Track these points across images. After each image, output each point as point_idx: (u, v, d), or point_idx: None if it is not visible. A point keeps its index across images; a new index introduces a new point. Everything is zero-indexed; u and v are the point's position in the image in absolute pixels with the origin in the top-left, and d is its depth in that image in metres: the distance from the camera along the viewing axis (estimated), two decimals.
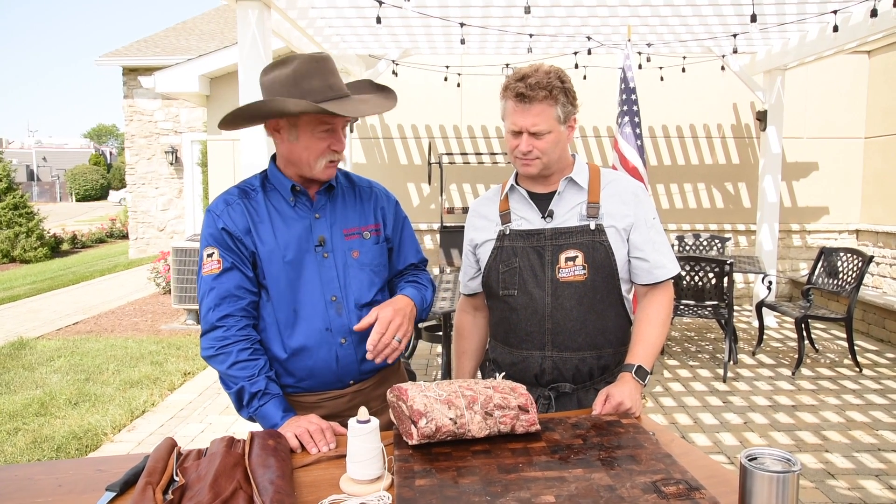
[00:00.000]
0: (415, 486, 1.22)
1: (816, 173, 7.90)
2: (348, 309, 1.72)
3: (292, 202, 1.72)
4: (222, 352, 1.62)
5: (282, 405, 1.62)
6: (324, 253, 1.71)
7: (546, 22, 5.68)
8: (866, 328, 6.52)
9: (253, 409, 1.62)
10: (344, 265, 1.73)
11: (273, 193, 1.73)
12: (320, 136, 1.64)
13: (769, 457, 1.15)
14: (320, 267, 1.70)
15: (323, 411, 1.71)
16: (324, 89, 1.61)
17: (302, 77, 1.60)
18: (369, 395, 1.78)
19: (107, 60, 12.78)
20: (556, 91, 1.70)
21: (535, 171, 1.79)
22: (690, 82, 7.38)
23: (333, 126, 1.65)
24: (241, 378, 1.62)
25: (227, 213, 1.69)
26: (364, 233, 1.77)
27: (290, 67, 1.61)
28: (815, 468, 3.51)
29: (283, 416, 1.60)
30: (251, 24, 3.97)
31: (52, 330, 7.18)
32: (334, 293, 1.71)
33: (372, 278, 1.77)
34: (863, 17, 4.97)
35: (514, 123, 1.73)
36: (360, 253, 1.75)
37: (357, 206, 1.80)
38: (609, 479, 1.24)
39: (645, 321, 1.80)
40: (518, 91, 1.70)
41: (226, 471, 1.28)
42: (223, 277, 1.66)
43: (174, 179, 13.32)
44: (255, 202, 1.71)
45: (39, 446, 3.91)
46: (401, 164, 8.01)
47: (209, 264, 1.67)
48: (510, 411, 1.43)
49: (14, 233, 13.92)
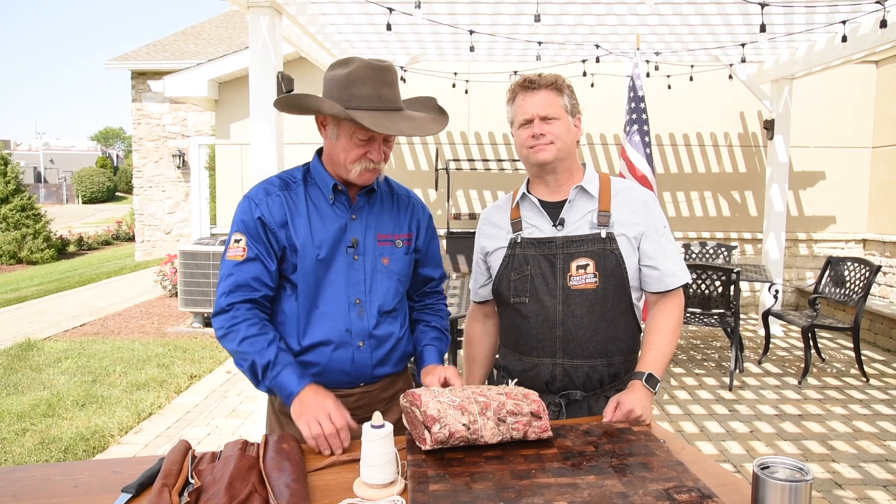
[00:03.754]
0: (429, 491, 1.23)
1: (823, 182, 7.89)
2: (370, 314, 1.73)
3: (331, 200, 1.72)
4: (231, 330, 1.64)
5: (296, 372, 1.62)
6: (354, 255, 1.72)
7: (555, 30, 5.70)
8: (873, 338, 6.50)
9: (269, 381, 1.62)
10: (373, 270, 1.74)
11: (313, 188, 1.74)
12: (358, 141, 1.65)
13: (782, 466, 1.15)
14: (349, 268, 1.71)
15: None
16: (372, 98, 1.61)
17: (354, 81, 1.62)
18: (376, 397, 1.79)
19: (116, 64, 12.87)
20: (561, 84, 1.79)
21: (549, 157, 1.78)
22: (698, 91, 7.39)
23: (374, 135, 1.65)
24: (251, 352, 1.62)
25: (266, 203, 1.69)
26: (397, 241, 1.79)
27: (347, 69, 1.63)
28: (822, 478, 3.50)
29: (298, 383, 1.60)
30: (262, 30, 4.00)
31: (59, 331, 7.22)
32: (359, 296, 1.72)
33: (398, 287, 1.79)
34: (871, 28, 4.97)
35: (524, 112, 1.78)
36: (390, 260, 1.77)
37: (393, 214, 1.81)
38: (622, 486, 1.24)
39: (655, 329, 1.81)
40: (524, 82, 1.79)
41: (241, 474, 1.29)
42: (244, 266, 1.67)
43: (181, 183, 13.39)
44: (295, 195, 1.72)
45: (47, 447, 3.93)
46: (408, 169, 8.03)
47: (234, 249, 1.68)
48: (523, 418, 1.44)
49: (21, 234, 14.00)
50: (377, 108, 1.62)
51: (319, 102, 1.62)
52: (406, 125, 1.66)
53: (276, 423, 1.80)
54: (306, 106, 1.67)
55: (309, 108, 1.67)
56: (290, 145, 4.44)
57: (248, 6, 3.99)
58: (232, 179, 8.14)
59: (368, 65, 1.63)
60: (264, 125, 4.03)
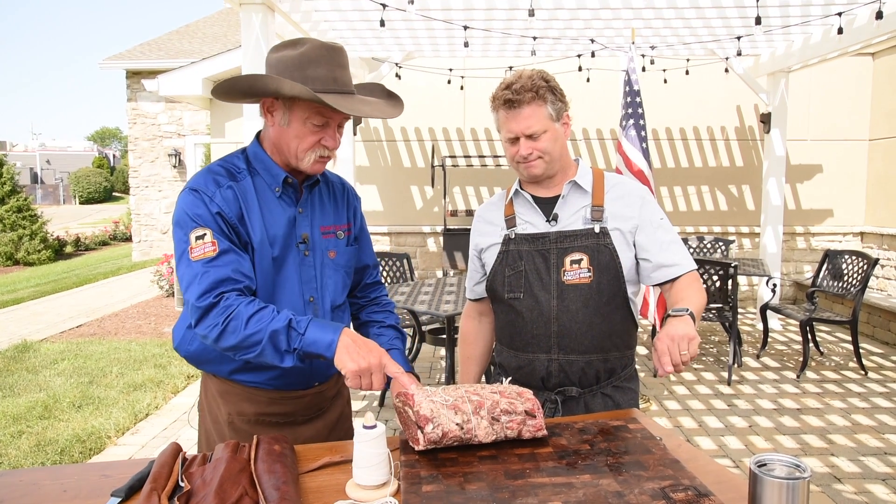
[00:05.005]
0: (421, 492, 1.21)
1: (820, 176, 7.88)
2: (324, 310, 1.67)
3: (278, 192, 1.60)
4: (230, 319, 1.42)
5: (324, 322, 1.46)
6: (305, 251, 1.63)
7: (550, 24, 5.68)
8: (871, 331, 6.49)
9: (297, 345, 1.42)
10: (321, 265, 1.67)
11: (258, 179, 1.60)
12: (312, 127, 1.54)
13: (779, 463, 1.14)
14: (301, 265, 1.62)
15: (280, 408, 1.67)
16: (328, 80, 1.52)
17: (309, 62, 1.51)
18: (325, 395, 1.75)
19: (111, 63, 12.81)
20: (543, 90, 1.72)
21: (539, 172, 1.78)
22: (694, 85, 7.37)
23: (328, 121, 1.55)
24: (263, 326, 1.41)
25: (220, 196, 1.52)
26: (338, 232, 1.71)
27: (299, 50, 1.52)
28: (821, 472, 3.49)
29: (334, 329, 1.43)
30: (255, 28, 3.98)
31: (56, 333, 7.19)
32: (312, 294, 1.65)
33: (345, 280, 1.74)
34: (867, 20, 4.96)
35: (510, 130, 1.75)
36: (336, 254, 1.70)
37: (332, 204, 1.73)
38: (617, 485, 1.23)
39: (677, 293, 1.72)
40: (505, 98, 1.73)
41: (231, 476, 1.27)
42: (219, 261, 1.47)
43: (177, 182, 13.35)
44: (244, 186, 1.56)
45: (43, 449, 3.91)
46: (404, 166, 8.01)
47: (200, 247, 1.46)
48: (517, 416, 1.42)
49: (18, 235, 13.96)
50: (333, 91, 1.52)
51: (278, 83, 1.47)
52: (367, 108, 1.56)
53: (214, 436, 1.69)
54: (260, 88, 1.52)
55: (265, 90, 1.51)
56: None
57: (240, 3, 3.97)
58: None
59: (322, 45, 1.53)
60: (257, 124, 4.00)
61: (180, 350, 1.68)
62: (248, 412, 1.67)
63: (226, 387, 1.67)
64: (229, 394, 1.67)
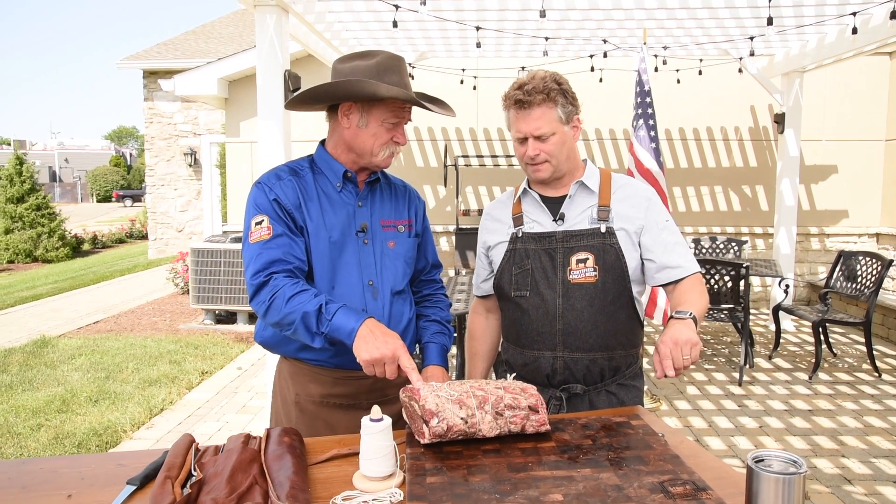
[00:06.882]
0: (426, 484, 1.25)
1: (835, 176, 7.82)
2: (384, 294, 1.77)
3: (339, 187, 1.77)
4: (275, 298, 1.60)
5: (352, 311, 1.59)
6: (364, 239, 1.77)
7: (562, 25, 5.69)
8: (886, 332, 6.44)
9: (325, 327, 1.57)
10: (381, 253, 1.79)
11: (320, 176, 1.78)
12: (388, 126, 1.71)
13: (776, 459, 1.16)
14: (360, 252, 1.76)
15: (344, 389, 1.77)
16: (400, 85, 1.70)
17: (385, 70, 1.68)
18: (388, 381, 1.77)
19: (128, 63, 12.97)
20: (554, 93, 1.74)
21: (545, 176, 1.81)
22: (707, 84, 7.34)
23: (401, 120, 1.73)
24: (299, 307, 1.57)
25: (280, 187, 1.72)
26: (399, 226, 1.85)
27: (373, 60, 1.69)
28: (831, 473, 3.49)
29: (357, 318, 1.56)
30: (269, 29, 4.03)
31: (74, 328, 7.31)
32: (371, 278, 1.76)
33: (405, 269, 1.84)
34: (883, 19, 4.92)
35: (518, 130, 1.78)
36: (395, 244, 1.83)
37: (393, 202, 1.87)
38: (617, 478, 1.25)
39: (680, 296, 1.76)
40: (516, 98, 1.76)
41: (242, 466, 1.32)
42: (272, 243, 1.66)
43: (193, 181, 13.49)
44: (305, 181, 1.75)
45: (61, 442, 3.99)
46: (417, 166, 8.05)
47: (258, 231, 1.67)
48: (520, 411, 1.45)
49: (37, 233, 14.17)
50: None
51: (374, 86, 1.64)
52: (440, 109, 1.81)
53: (283, 417, 1.82)
54: (358, 91, 1.67)
55: (361, 93, 1.67)
56: (297, 142, 4.47)
57: (254, 5, 4.02)
58: (242, 177, 8.20)
59: (392, 56, 1.73)
60: (271, 123, 4.06)
61: (257, 338, 1.84)
62: (314, 393, 1.78)
63: (294, 368, 1.81)
64: (297, 374, 1.80)
